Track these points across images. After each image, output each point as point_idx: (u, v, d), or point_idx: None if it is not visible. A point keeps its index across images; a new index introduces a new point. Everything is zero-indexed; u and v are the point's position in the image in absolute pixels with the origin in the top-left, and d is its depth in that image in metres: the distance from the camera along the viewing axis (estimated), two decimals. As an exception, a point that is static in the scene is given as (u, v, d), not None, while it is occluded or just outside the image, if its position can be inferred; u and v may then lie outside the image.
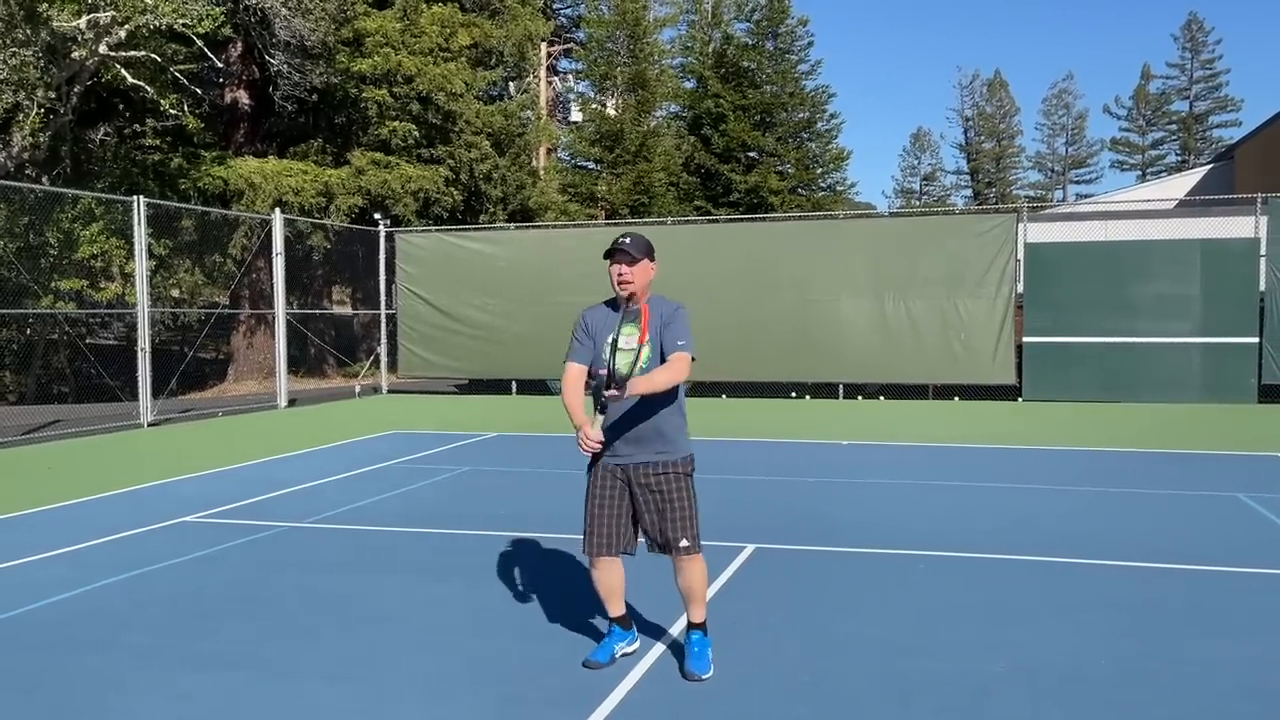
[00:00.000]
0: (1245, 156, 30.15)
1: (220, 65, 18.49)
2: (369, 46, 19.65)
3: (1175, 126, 62.48)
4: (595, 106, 32.00)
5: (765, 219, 19.89)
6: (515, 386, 17.18)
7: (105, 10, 13.62)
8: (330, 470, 8.98)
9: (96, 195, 14.84)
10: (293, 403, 15.65)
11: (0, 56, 13.42)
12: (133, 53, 14.41)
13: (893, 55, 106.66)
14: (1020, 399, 14.80)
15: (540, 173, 28.77)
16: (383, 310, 18.02)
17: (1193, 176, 32.26)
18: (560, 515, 6.63)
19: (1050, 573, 5.34)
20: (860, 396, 15.73)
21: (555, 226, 19.82)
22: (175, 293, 18.10)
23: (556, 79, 36.99)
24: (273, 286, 15.74)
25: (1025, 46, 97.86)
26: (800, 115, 33.37)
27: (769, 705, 3.60)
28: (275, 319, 15.56)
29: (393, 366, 18.22)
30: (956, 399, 15.23)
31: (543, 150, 30.53)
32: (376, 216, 18.48)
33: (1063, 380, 14.62)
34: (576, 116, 34.84)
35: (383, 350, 18.14)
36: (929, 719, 3.47)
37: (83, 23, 13.58)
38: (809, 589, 5.08)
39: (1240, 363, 14.08)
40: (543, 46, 31.07)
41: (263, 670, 3.98)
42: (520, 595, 5.01)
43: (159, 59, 14.99)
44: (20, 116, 14.22)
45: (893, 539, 6.12)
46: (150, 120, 17.43)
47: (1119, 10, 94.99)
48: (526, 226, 19.18)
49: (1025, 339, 14.78)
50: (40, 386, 17.37)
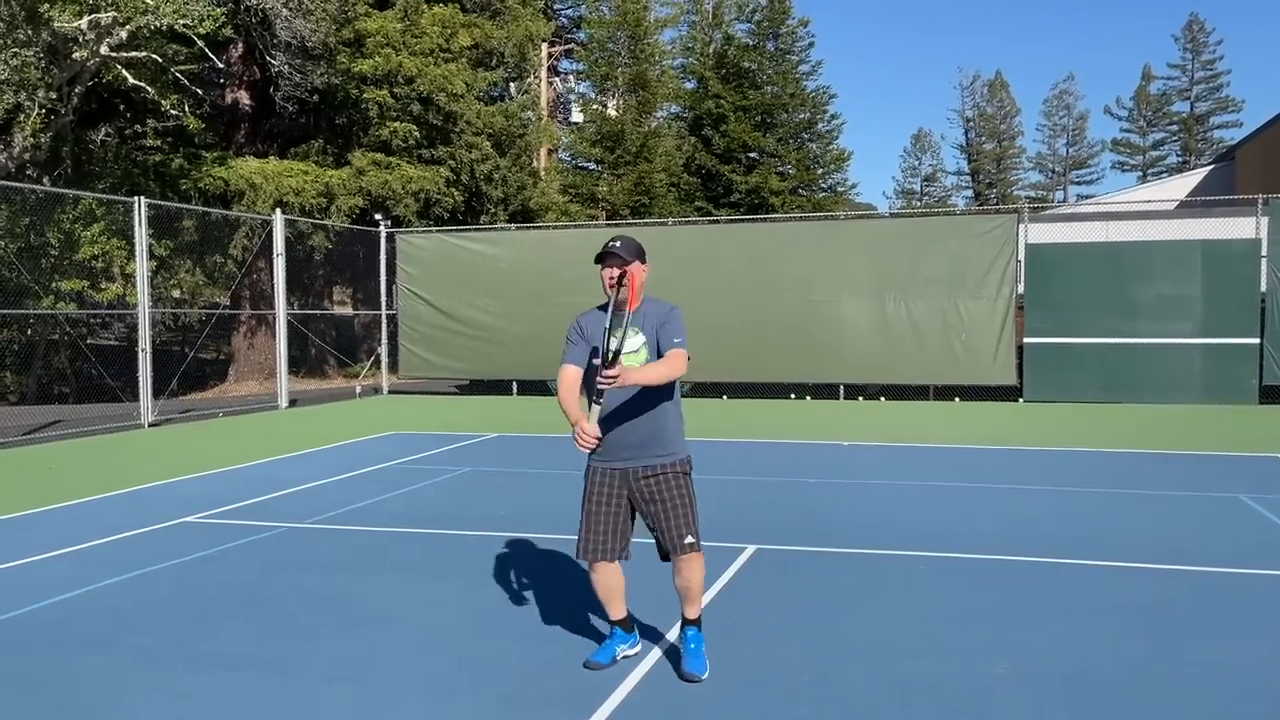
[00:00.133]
0: (1246, 157, 30.15)
1: (221, 66, 18.48)
2: (370, 47, 19.66)
3: (1176, 127, 62.49)
4: (596, 107, 32.00)
5: (766, 220, 19.89)
6: (516, 387, 17.18)
7: (106, 11, 13.63)
8: (331, 471, 8.98)
9: (97, 196, 14.85)
10: (293, 403, 15.66)
11: (1, 57, 13.43)
12: (134, 53, 14.42)
13: (893, 56, 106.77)
14: (1021, 400, 14.80)
15: (541, 173, 28.77)
16: (383, 311, 18.03)
17: (1194, 177, 32.27)
18: (560, 516, 6.62)
19: (1052, 574, 5.33)
20: (861, 397, 15.72)
21: (556, 227, 19.83)
22: (176, 293, 18.10)
23: (557, 80, 36.98)
24: (273, 287, 15.74)
25: (1026, 47, 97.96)
26: (801, 116, 33.39)
27: (770, 706, 3.59)
28: (276, 319, 15.57)
29: (393, 367, 18.22)
30: (957, 400, 15.23)
31: (543, 151, 30.53)
32: (377, 217, 18.49)
33: (1064, 381, 14.62)
34: (577, 117, 34.85)
35: (383, 351, 18.14)
36: (931, 720, 3.47)
37: (84, 23, 13.58)
38: (810, 590, 5.08)
39: (1241, 363, 14.08)
40: (543, 47, 31.06)
41: (264, 670, 3.98)
42: (520, 596, 5.01)
43: (160, 60, 15.00)
44: (21, 117, 14.23)
45: (894, 540, 6.12)
46: (151, 121, 17.43)
47: (1120, 11, 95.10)
48: (527, 227, 19.19)
49: (1026, 340, 14.78)
50: (41, 387, 17.37)
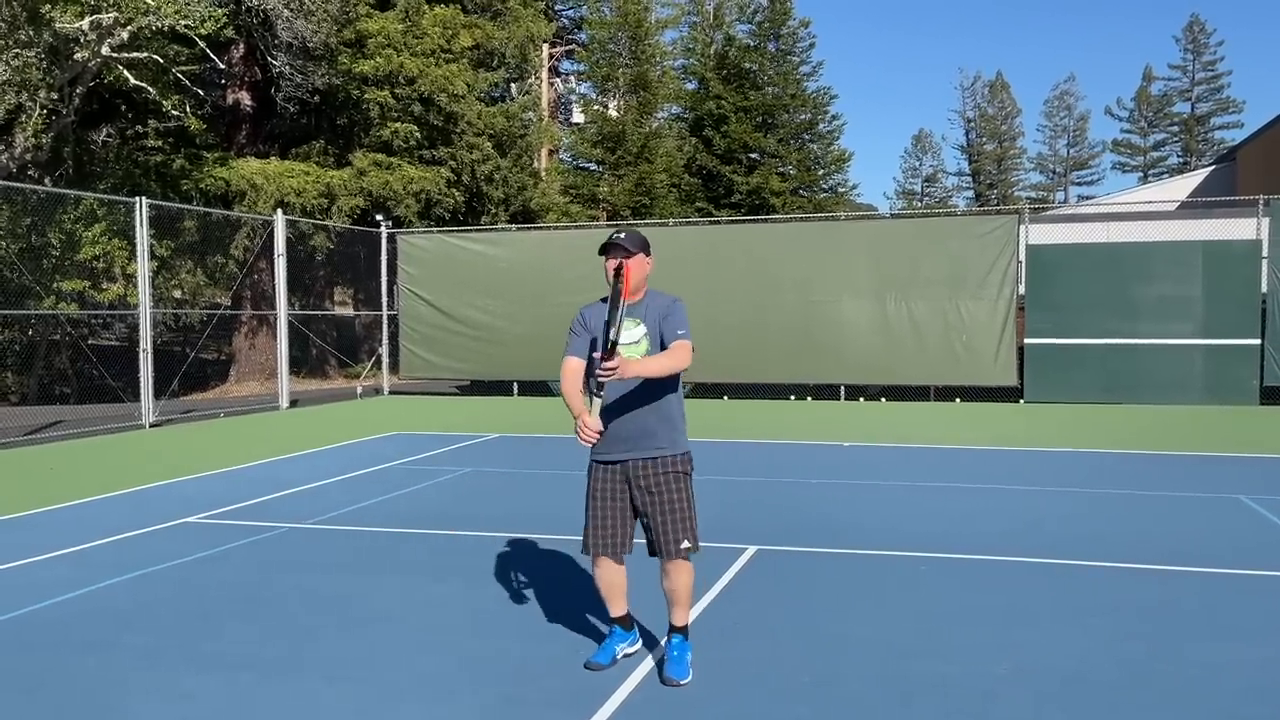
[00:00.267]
0: (1247, 158, 30.14)
1: (222, 67, 18.49)
2: (371, 48, 19.67)
3: (1177, 128, 62.50)
4: (597, 108, 32.03)
5: (767, 220, 19.89)
6: (516, 388, 17.18)
7: (108, 11, 13.63)
8: (332, 471, 8.99)
9: (99, 196, 14.86)
10: (294, 404, 15.66)
11: (3, 58, 13.44)
12: (135, 54, 14.43)
13: (894, 57, 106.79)
14: (1022, 400, 14.80)
15: (542, 174, 28.77)
16: (384, 311, 18.03)
17: (1194, 178, 32.25)
18: (561, 516, 6.62)
19: (1053, 574, 5.33)
20: (862, 398, 15.72)
21: (557, 228, 19.83)
22: (177, 294, 18.12)
23: (558, 80, 36.99)
24: (274, 287, 15.75)
25: (1027, 48, 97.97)
26: (802, 117, 33.41)
27: (770, 707, 3.59)
28: (277, 320, 15.58)
29: (394, 367, 18.23)
30: (958, 400, 15.23)
31: (544, 152, 30.53)
32: (378, 218, 18.50)
33: (1064, 382, 14.62)
34: (578, 118, 34.86)
35: (384, 351, 18.15)
36: (932, 720, 3.47)
37: (85, 24, 13.59)
38: (810, 590, 5.08)
39: (1242, 364, 14.08)
40: (544, 48, 31.06)
41: (265, 671, 3.98)
42: (521, 596, 5.01)
43: (161, 60, 15.01)
44: (23, 118, 14.24)
45: (894, 540, 6.11)
46: (152, 121, 17.45)
47: (1120, 12, 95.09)
48: (528, 228, 19.19)
49: (1027, 340, 14.78)
50: (42, 387, 17.38)
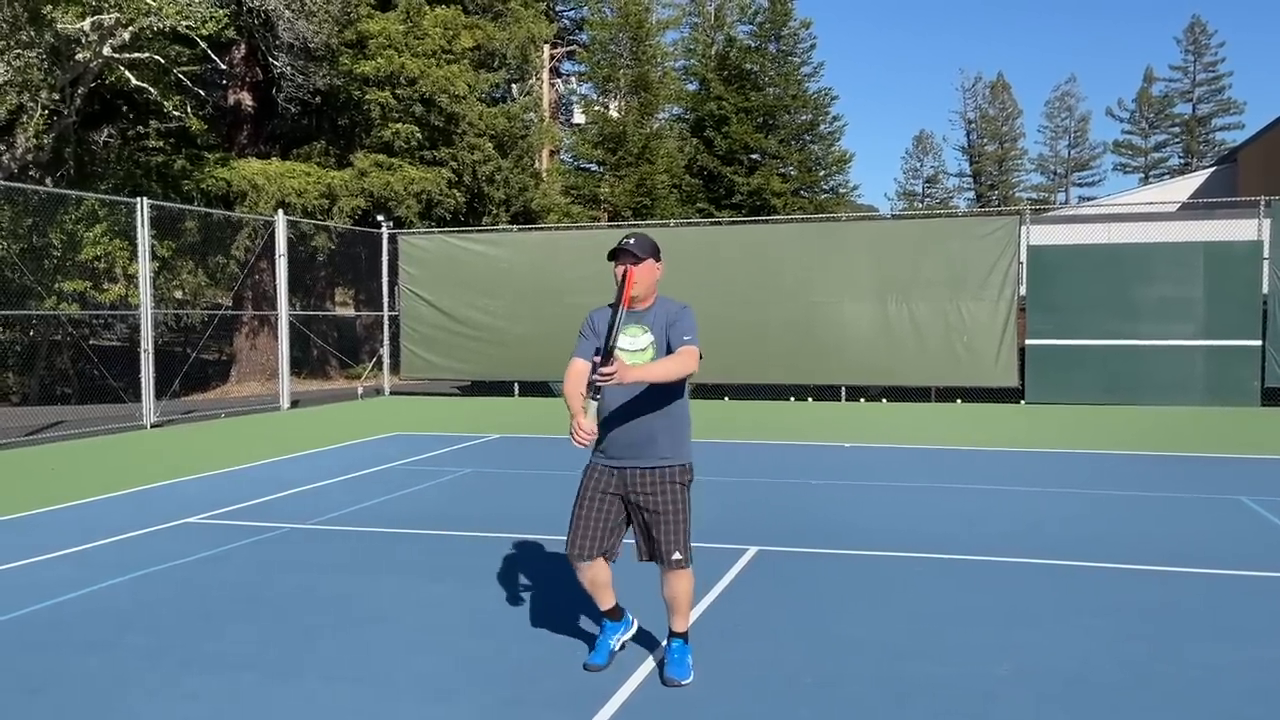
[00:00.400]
0: (1248, 159, 30.14)
1: (224, 67, 18.50)
2: (372, 49, 19.67)
3: (1178, 129, 62.50)
4: (598, 109, 32.04)
5: (768, 221, 19.90)
6: (517, 388, 17.19)
7: (109, 12, 13.64)
8: (333, 471, 8.99)
9: (100, 197, 14.86)
10: (295, 404, 15.67)
11: (4, 58, 13.45)
12: (136, 54, 14.43)
13: (895, 58, 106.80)
14: (1023, 401, 14.79)
15: (543, 175, 28.78)
16: (385, 312, 18.04)
17: (1195, 179, 32.25)
18: (562, 517, 6.58)
19: (1054, 575, 5.34)
20: (863, 399, 15.72)
21: (558, 228, 19.84)
22: (178, 294, 18.12)
23: (559, 81, 37.00)
24: (275, 288, 15.76)
25: (1028, 49, 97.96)
26: (803, 118, 33.40)
27: (771, 708, 3.60)
28: (278, 320, 15.58)
29: (395, 368, 18.23)
30: (959, 401, 15.23)
31: (545, 152, 30.54)
32: (379, 218, 18.50)
33: (1065, 383, 14.62)
34: (579, 119, 34.86)
35: (385, 352, 18.15)
36: (933, 721, 3.47)
37: (87, 24, 13.60)
38: (811, 591, 5.08)
39: (1243, 365, 14.07)
40: (545, 49, 31.07)
41: (267, 671, 3.99)
42: (521, 597, 5.01)
43: (163, 61, 15.02)
44: (24, 118, 14.25)
45: (896, 542, 6.12)
46: (154, 122, 17.45)
47: (1121, 13, 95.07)
48: (529, 228, 19.20)
49: (1028, 341, 14.77)
50: (44, 388, 17.39)
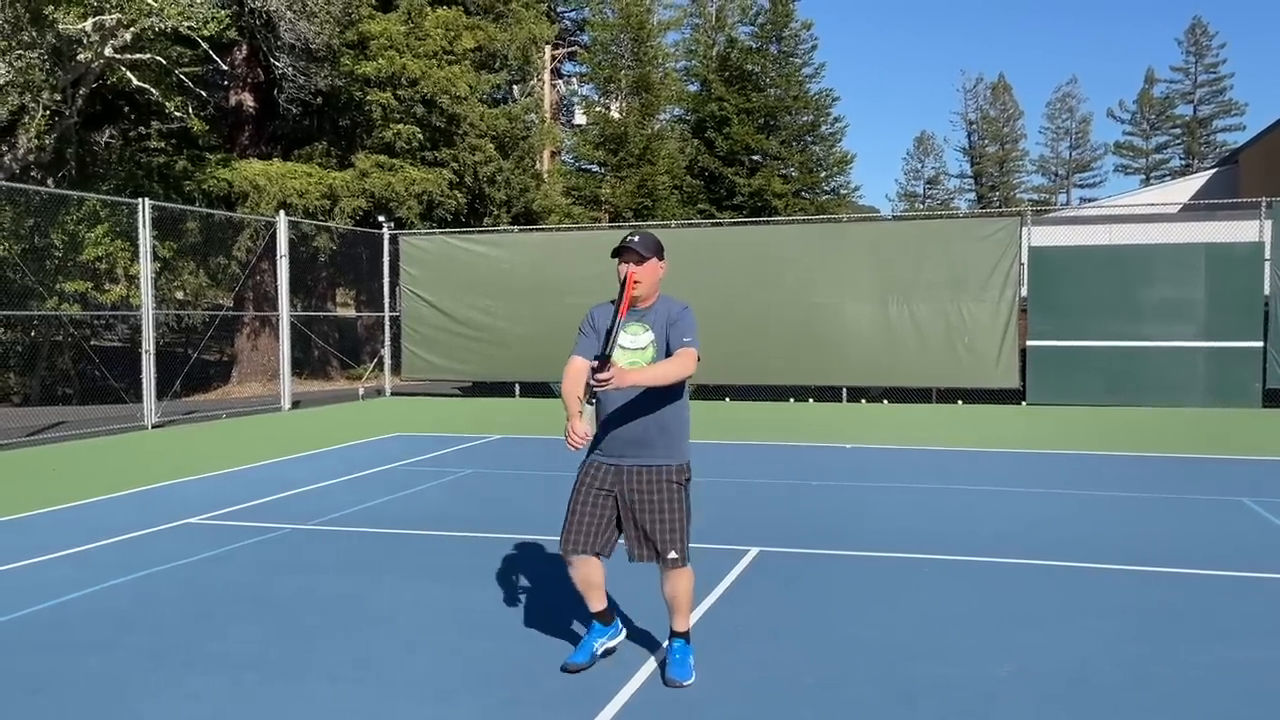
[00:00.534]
0: (1249, 160, 30.14)
1: (225, 68, 18.51)
2: (373, 49, 19.68)
3: (1179, 130, 62.50)
4: (599, 110, 32.04)
5: (769, 222, 19.90)
6: (518, 389, 17.19)
7: (111, 13, 13.65)
8: (335, 472, 9.00)
9: (101, 197, 14.87)
10: (296, 405, 15.67)
11: (6, 59, 13.46)
12: (138, 55, 14.44)
13: (896, 59, 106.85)
14: (1024, 403, 14.79)
15: (544, 176, 28.78)
16: (386, 312, 18.05)
17: (1197, 180, 32.27)
18: (563, 518, 6.61)
19: (1056, 577, 5.34)
20: (864, 400, 15.72)
21: (559, 229, 19.84)
22: (180, 295, 18.12)
23: (560, 82, 37.01)
24: (277, 289, 15.77)
25: (1029, 50, 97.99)
26: (804, 119, 33.39)
27: (773, 709, 3.59)
28: (279, 321, 15.59)
29: (396, 369, 18.24)
30: (960, 403, 15.22)
31: (547, 153, 30.54)
32: (380, 219, 18.50)
33: (1066, 384, 14.61)
34: (580, 119, 34.87)
35: (386, 353, 18.16)
36: (935, 722, 3.47)
37: (88, 25, 13.61)
38: (812, 592, 5.08)
39: (1244, 367, 14.07)
40: (547, 50, 31.08)
41: (269, 671, 3.99)
42: (522, 598, 5.01)
43: (164, 61, 15.02)
44: (26, 119, 14.26)
45: (897, 542, 6.12)
46: (155, 122, 17.46)
47: (1122, 14, 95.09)
48: (530, 229, 19.20)
49: (1029, 343, 14.77)
50: (45, 388, 17.39)
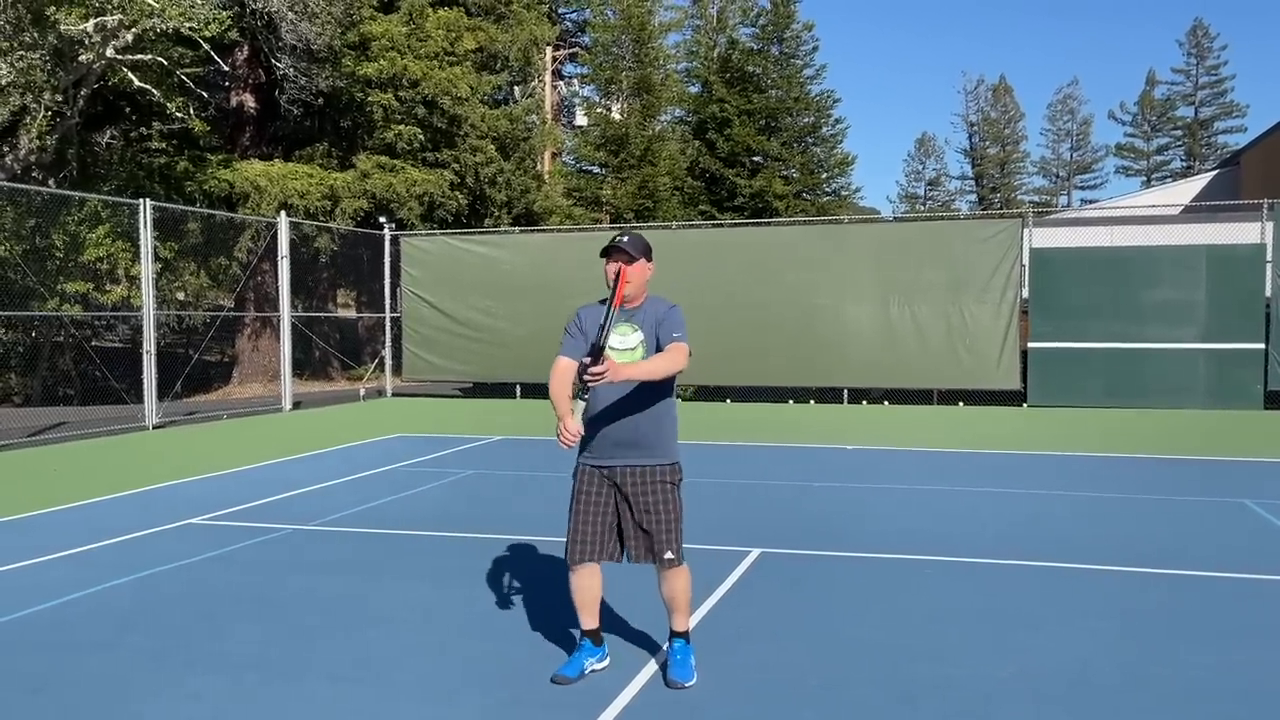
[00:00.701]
0: (1251, 162, 30.13)
1: (226, 69, 18.53)
2: (375, 50, 19.69)
3: (1180, 132, 62.49)
4: (600, 111, 32.03)
5: (770, 223, 19.90)
6: (519, 390, 17.19)
7: (112, 14, 13.66)
8: (336, 473, 9.00)
9: (102, 198, 14.88)
10: (297, 405, 15.68)
11: (8, 60, 13.47)
12: (139, 56, 14.45)
13: (897, 60, 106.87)
14: (1025, 404, 14.79)
15: (545, 177, 28.79)
16: (387, 313, 18.05)
17: (1198, 182, 32.26)
18: (564, 519, 6.60)
19: (1057, 578, 5.33)
20: (865, 401, 15.72)
21: (560, 230, 19.85)
22: (181, 295, 18.15)
23: (561, 83, 37.03)
24: (278, 289, 15.77)
25: (1030, 52, 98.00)
26: (805, 120, 33.38)
27: (775, 710, 3.59)
28: (280, 322, 15.59)
29: (397, 369, 18.24)
30: (961, 404, 15.22)
31: (547, 154, 30.55)
32: (381, 220, 18.51)
33: (1068, 385, 14.61)
34: (581, 121, 34.87)
35: (387, 353, 18.16)
36: (936, 724, 3.47)
37: (90, 26, 13.62)
38: (815, 593, 5.08)
39: (1246, 368, 14.06)
40: (548, 51, 31.09)
41: (270, 671, 3.99)
42: (523, 599, 5.01)
43: (165, 62, 15.03)
44: (27, 119, 14.26)
45: (899, 543, 6.12)
46: (156, 123, 17.47)
47: (1124, 16, 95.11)
48: (531, 230, 19.20)
49: (1030, 344, 14.76)
50: (46, 389, 17.40)
